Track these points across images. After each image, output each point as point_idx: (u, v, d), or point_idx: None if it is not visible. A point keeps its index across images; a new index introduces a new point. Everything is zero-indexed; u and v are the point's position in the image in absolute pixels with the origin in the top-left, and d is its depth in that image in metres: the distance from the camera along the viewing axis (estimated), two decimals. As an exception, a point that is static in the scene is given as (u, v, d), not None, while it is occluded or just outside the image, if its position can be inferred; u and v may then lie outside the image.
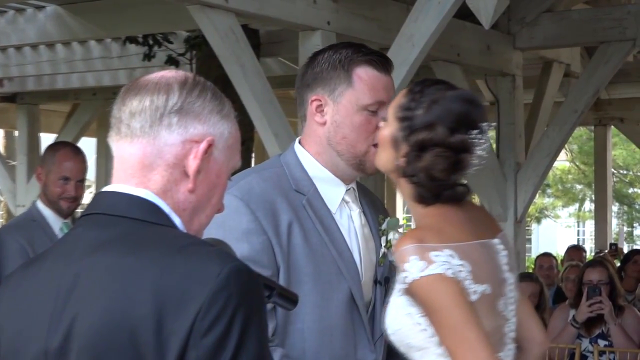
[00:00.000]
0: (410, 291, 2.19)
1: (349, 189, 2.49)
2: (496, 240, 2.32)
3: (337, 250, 2.40)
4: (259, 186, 2.39)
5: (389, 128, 2.31)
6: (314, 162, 2.47)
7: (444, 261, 2.16)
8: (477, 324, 2.15)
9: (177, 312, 1.49)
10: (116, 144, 1.69)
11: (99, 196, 1.69)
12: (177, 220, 1.65)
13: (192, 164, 1.66)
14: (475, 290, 2.19)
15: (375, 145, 2.39)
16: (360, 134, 2.42)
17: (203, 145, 1.66)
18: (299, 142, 2.52)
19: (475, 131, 2.23)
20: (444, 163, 2.23)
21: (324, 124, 2.45)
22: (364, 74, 2.42)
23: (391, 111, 2.32)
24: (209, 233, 2.31)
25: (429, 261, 2.16)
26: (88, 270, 1.57)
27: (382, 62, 2.45)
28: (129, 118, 1.66)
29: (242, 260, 1.57)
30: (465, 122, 2.23)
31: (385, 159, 2.32)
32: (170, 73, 1.71)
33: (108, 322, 1.52)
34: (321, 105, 2.45)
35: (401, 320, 2.22)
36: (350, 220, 2.48)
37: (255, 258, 2.30)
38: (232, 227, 2.32)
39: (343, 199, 2.48)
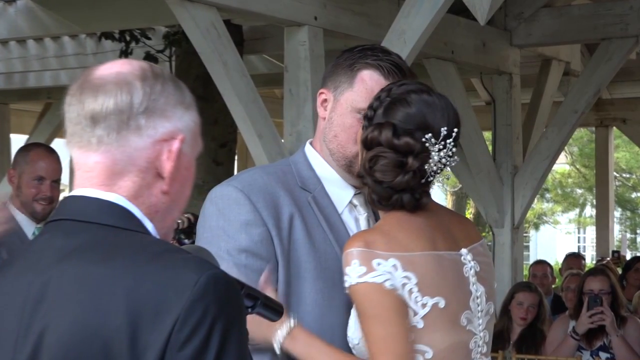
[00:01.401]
0: (350, 296, 2.25)
1: (359, 193, 2.53)
2: (463, 251, 2.34)
3: (341, 249, 2.42)
4: (261, 179, 2.44)
5: (360, 129, 2.39)
6: (322, 162, 2.52)
7: (386, 271, 2.21)
8: (407, 340, 2.20)
9: (152, 324, 1.48)
10: (78, 151, 1.66)
11: (66, 201, 1.67)
12: (149, 226, 1.64)
13: (167, 166, 1.64)
14: (425, 303, 2.22)
15: None
16: (350, 136, 2.46)
17: (176, 146, 1.65)
18: (310, 143, 2.58)
19: (429, 135, 2.25)
20: (382, 163, 2.27)
21: (324, 119, 2.52)
22: (367, 77, 2.47)
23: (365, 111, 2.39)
24: (209, 225, 2.39)
25: (369, 268, 2.21)
26: (57, 280, 1.56)
27: (390, 70, 2.47)
28: (91, 124, 1.63)
29: (220, 268, 1.56)
30: (419, 126, 2.27)
31: (359, 161, 2.38)
32: (125, 67, 1.66)
33: (79, 334, 1.50)
34: (326, 100, 2.51)
35: (360, 333, 2.27)
36: (357, 224, 2.51)
37: (254, 250, 2.35)
38: (232, 218, 2.38)
39: (351, 202, 2.52)
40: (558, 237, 29.17)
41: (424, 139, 2.26)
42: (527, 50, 7.78)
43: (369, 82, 2.46)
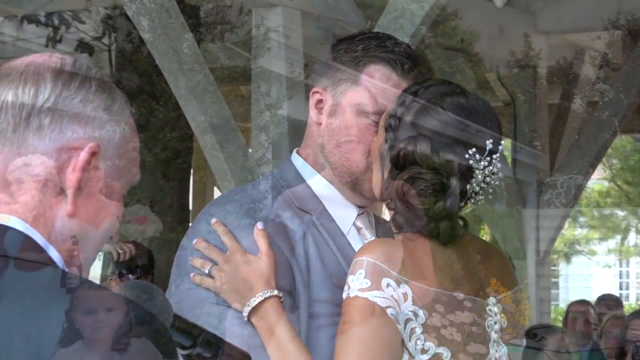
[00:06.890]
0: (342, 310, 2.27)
1: (362, 213, 2.56)
2: (490, 301, 2.36)
3: None
4: (258, 199, 2.48)
5: (377, 139, 2.40)
6: (317, 177, 2.56)
7: (393, 298, 2.23)
8: None
9: None
10: None
11: None
12: (54, 255, 1.63)
13: (71, 178, 1.64)
14: (426, 349, 2.25)
15: None
16: (357, 145, 2.49)
17: (83, 155, 1.64)
18: (297, 153, 2.61)
19: (473, 150, 2.26)
20: (421, 187, 2.29)
21: (320, 124, 2.54)
22: (376, 73, 2.50)
23: (382, 118, 2.40)
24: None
25: (376, 285, 2.22)
26: None
27: (403, 64, 2.49)
28: None
29: (146, 309, 1.57)
30: (459, 139, 2.28)
31: (375, 178, 2.39)
32: (41, 58, 1.68)
33: None
34: (321, 100, 2.53)
35: None
36: None
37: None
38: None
39: (354, 225, 2.55)
40: (594, 271, 29.22)
41: (467, 155, 2.27)
42: (556, 37, 7.81)
43: (378, 80, 2.49)
